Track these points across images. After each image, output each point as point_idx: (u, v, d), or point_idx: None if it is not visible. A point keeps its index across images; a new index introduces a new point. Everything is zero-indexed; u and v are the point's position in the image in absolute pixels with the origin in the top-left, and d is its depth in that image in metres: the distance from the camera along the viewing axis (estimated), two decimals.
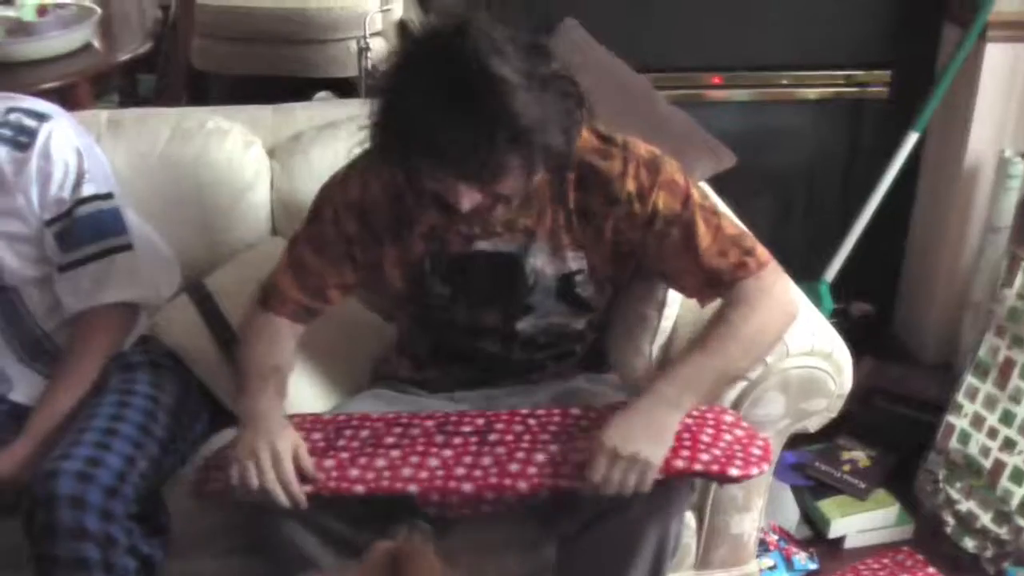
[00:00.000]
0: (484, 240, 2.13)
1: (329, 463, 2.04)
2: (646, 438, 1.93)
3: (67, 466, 2.02)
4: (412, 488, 1.98)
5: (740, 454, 1.99)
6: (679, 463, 1.94)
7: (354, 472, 2.01)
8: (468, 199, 1.91)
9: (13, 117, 2.27)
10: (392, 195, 2.15)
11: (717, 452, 1.98)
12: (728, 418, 2.08)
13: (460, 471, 2.00)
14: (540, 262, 2.14)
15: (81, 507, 1.98)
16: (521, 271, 2.14)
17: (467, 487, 1.98)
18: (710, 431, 2.03)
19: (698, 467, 1.94)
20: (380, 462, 2.03)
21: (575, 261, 2.15)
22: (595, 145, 2.10)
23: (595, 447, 1.93)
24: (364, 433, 2.11)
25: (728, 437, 2.03)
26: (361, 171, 2.19)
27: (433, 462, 2.02)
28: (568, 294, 2.18)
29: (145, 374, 2.31)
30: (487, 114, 1.81)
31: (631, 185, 2.08)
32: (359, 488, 1.99)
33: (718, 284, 2.09)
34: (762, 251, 2.11)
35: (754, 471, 1.98)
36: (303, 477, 2.01)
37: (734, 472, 1.95)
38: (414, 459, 2.03)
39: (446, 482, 1.99)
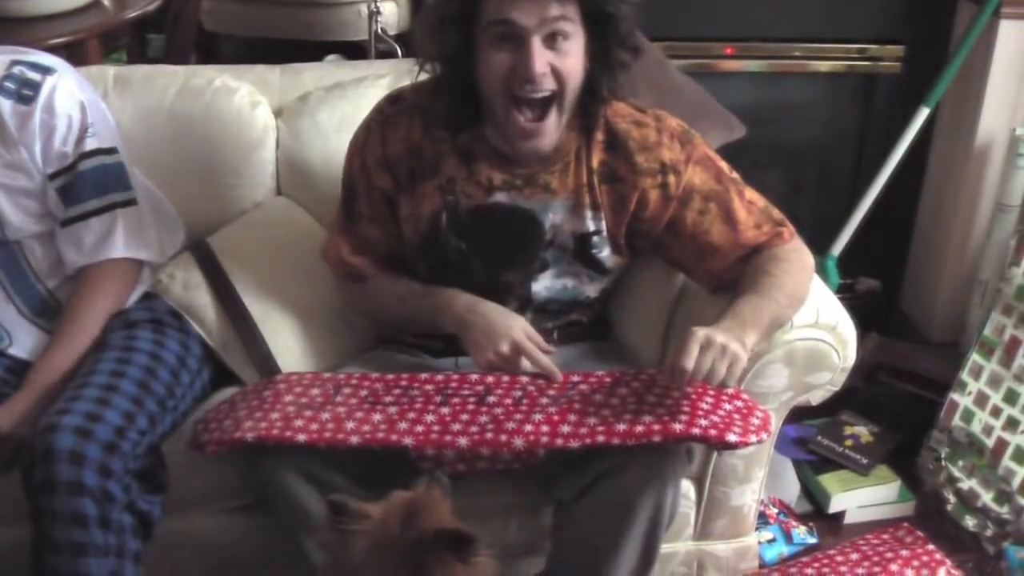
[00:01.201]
0: (502, 192, 2.13)
1: (326, 416, 2.04)
2: (732, 339, 1.95)
3: (66, 421, 2.01)
4: (407, 440, 1.98)
5: (739, 422, 1.99)
6: (677, 427, 1.94)
7: (350, 424, 2.02)
8: (539, 60, 1.98)
9: (17, 70, 2.25)
10: (408, 148, 2.17)
11: (716, 419, 1.98)
12: (728, 389, 2.08)
13: (456, 427, 2.00)
14: (559, 219, 2.16)
15: (80, 462, 1.98)
16: (539, 227, 2.16)
17: (462, 441, 1.97)
18: (710, 399, 2.03)
19: (696, 431, 1.94)
20: (377, 416, 2.03)
21: (593, 222, 2.17)
22: (628, 112, 2.14)
23: (687, 337, 1.93)
24: (363, 392, 2.11)
25: (727, 406, 2.03)
26: (380, 127, 2.22)
27: (430, 418, 2.02)
28: (584, 254, 2.19)
29: (147, 331, 2.30)
30: None
31: (666, 155, 2.12)
32: (354, 439, 1.99)
33: (754, 255, 2.14)
34: (787, 223, 2.20)
35: (752, 439, 1.98)
36: (307, 414, 2.04)
37: (732, 438, 1.95)
38: (411, 415, 2.03)
39: (442, 436, 1.98)
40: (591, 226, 2.17)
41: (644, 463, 1.97)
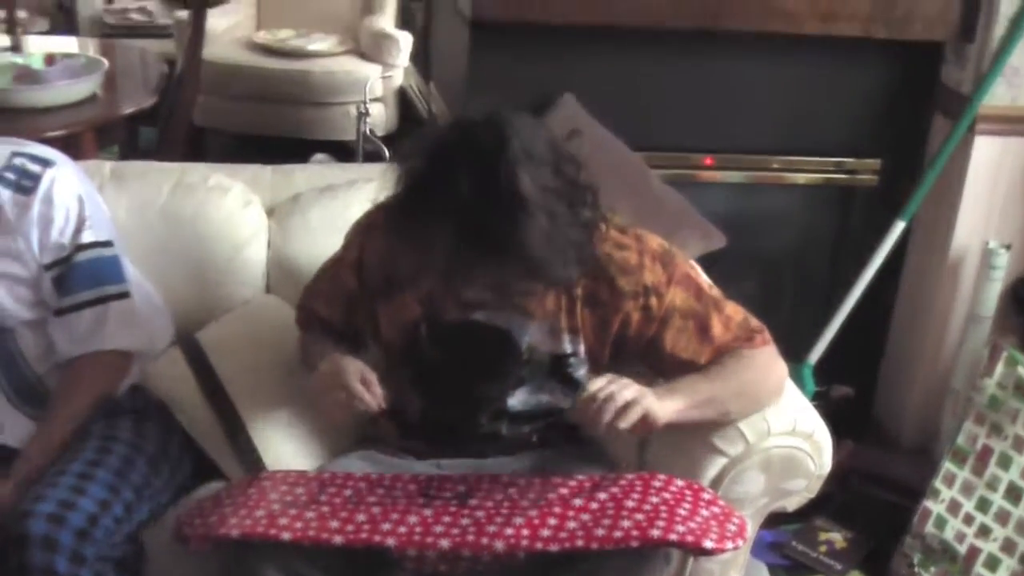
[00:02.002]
0: (481, 311, 2.16)
1: (310, 515, 2.06)
2: (649, 392, 2.01)
3: (40, 508, 2.03)
4: (390, 541, 1.99)
5: (716, 528, 2.01)
6: (655, 532, 1.96)
7: (334, 523, 2.03)
8: (466, 293, 1.99)
9: (18, 161, 2.31)
10: (382, 259, 2.20)
11: (693, 525, 1.99)
12: (706, 495, 2.11)
13: (438, 528, 2.02)
14: (535, 340, 2.18)
15: (52, 548, 1.98)
16: (515, 346, 2.18)
17: (444, 543, 1.99)
18: (687, 505, 2.05)
19: (673, 536, 1.96)
20: (360, 516, 2.05)
21: (571, 344, 2.18)
22: (609, 235, 2.13)
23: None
24: (347, 492, 2.13)
25: (705, 512, 2.05)
26: (362, 230, 2.28)
27: (412, 519, 2.04)
28: (560, 374, 2.21)
29: (129, 421, 2.32)
30: (502, 238, 1.84)
31: (648, 278, 2.13)
32: (338, 539, 2.00)
33: (723, 354, 2.18)
34: (767, 333, 2.23)
35: (728, 545, 1.99)
36: (292, 512, 2.05)
37: (708, 544, 1.97)
38: (394, 516, 2.05)
39: (424, 537, 2.00)
40: (568, 348, 2.18)
41: (621, 567, 1.98)
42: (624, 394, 1.99)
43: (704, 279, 2.22)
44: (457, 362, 2.22)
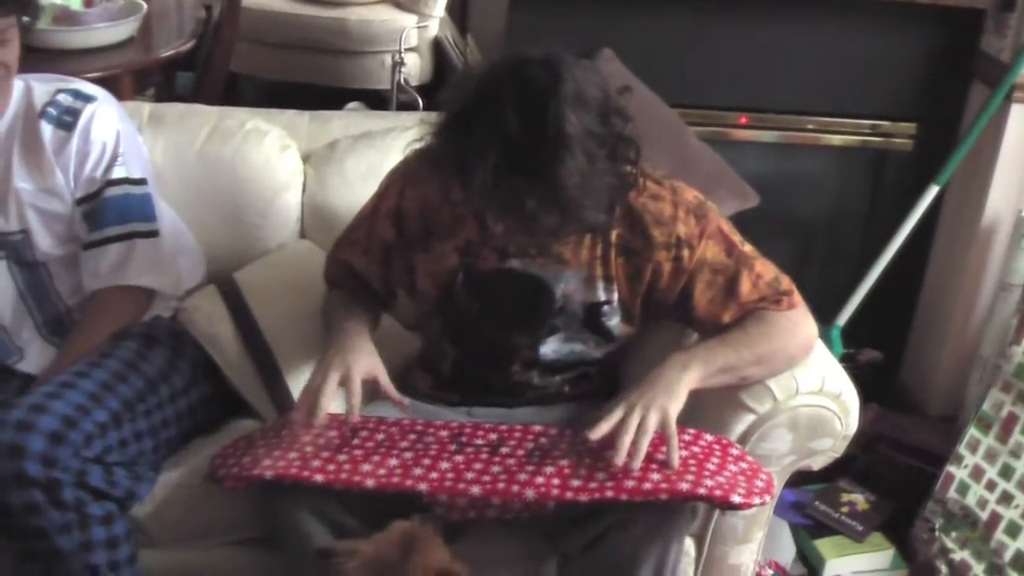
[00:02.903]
0: (517, 259, 2.18)
1: (343, 458, 2.09)
2: (660, 392, 2.03)
3: (9, 416, 2.05)
4: (422, 486, 2.02)
5: (744, 484, 2.04)
6: (684, 485, 1.98)
7: (366, 467, 2.06)
8: (496, 228, 2.03)
9: (61, 97, 2.34)
10: (424, 207, 2.21)
11: (721, 479, 2.02)
12: (734, 451, 2.14)
13: (469, 475, 2.05)
14: (570, 288, 2.19)
15: (20, 455, 2.00)
16: (550, 294, 2.19)
17: (475, 490, 2.02)
18: (716, 460, 2.08)
19: (702, 491, 1.98)
20: (392, 461, 2.08)
21: (605, 292, 2.19)
22: (645, 186, 2.14)
23: (612, 403, 2.03)
24: (379, 436, 2.15)
25: (733, 467, 2.08)
26: (400, 179, 2.27)
27: (444, 465, 2.07)
28: (593, 323, 2.23)
29: (133, 343, 2.33)
30: (539, 173, 1.86)
31: (681, 230, 2.14)
32: (370, 482, 2.03)
33: (748, 314, 2.19)
34: (796, 294, 2.22)
35: (756, 501, 2.03)
36: (324, 455, 2.08)
37: (736, 499, 2.00)
38: (426, 461, 2.08)
39: (455, 484, 2.03)
40: (602, 296, 2.20)
41: (649, 520, 2.01)
42: (649, 423, 2.01)
43: (736, 235, 2.22)
44: (492, 312, 2.23)
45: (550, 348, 2.26)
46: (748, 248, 2.22)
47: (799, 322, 2.22)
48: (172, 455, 2.33)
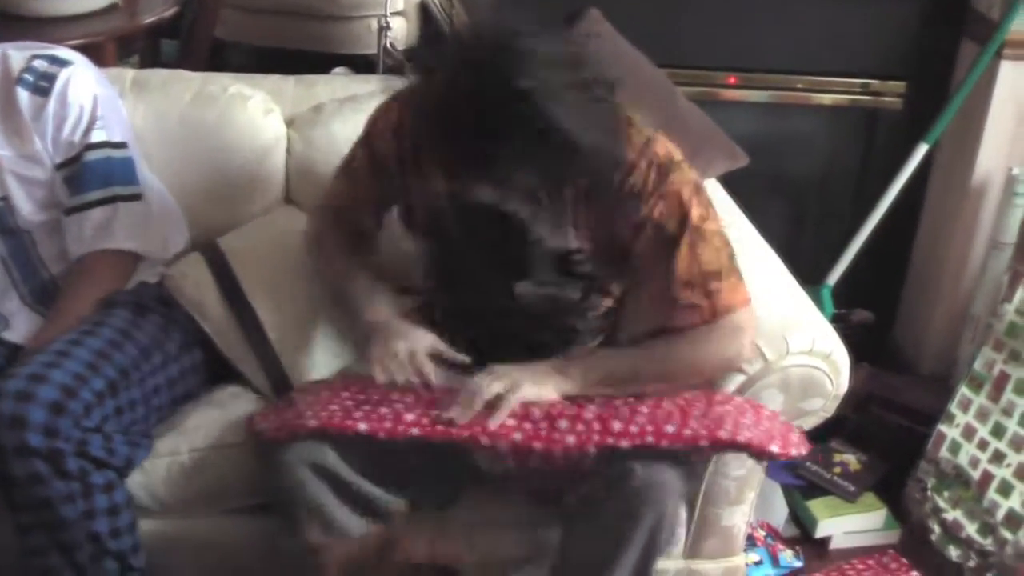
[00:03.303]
0: None
1: (384, 410, 2.09)
2: (525, 372, 2.10)
3: (8, 386, 2.05)
4: (464, 433, 2.03)
5: (779, 436, 2.08)
6: (723, 433, 2.02)
7: (409, 416, 2.06)
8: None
9: (36, 63, 2.33)
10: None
11: (759, 431, 2.06)
12: (766, 411, 2.17)
13: (511, 421, 2.06)
14: (544, 231, 2.14)
15: (22, 426, 2.01)
16: (524, 235, 2.13)
17: (517, 436, 2.04)
18: (751, 414, 2.12)
19: (741, 439, 2.02)
20: (435, 412, 2.08)
21: (575, 240, 2.16)
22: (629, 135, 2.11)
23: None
24: (409, 398, 2.14)
25: (767, 423, 2.11)
26: (401, 100, 2.25)
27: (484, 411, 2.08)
28: (566, 270, 2.21)
29: (125, 311, 2.32)
30: (523, 164, 1.87)
31: (636, 180, 2.08)
32: (414, 431, 2.03)
33: (667, 317, 2.14)
34: (726, 298, 2.12)
35: (792, 451, 2.08)
36: (366, 407, 2.09)
37: (774, 448, 2.04)
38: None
39: (497, 430, 2.04)
40: (573, 244, 2.17)
41: (646, 475, 2.01)
42: (493, 387, 2.04)
43: (704, 212, 2.11)
44: (474, 238, 2.19)
45: (526, 288, 2.23)
46: (707, 227, 2.11)
47: (721, 337, 2.13)
48: (161, 423, 2.32)
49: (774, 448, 2.03)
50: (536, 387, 2.08)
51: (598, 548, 2.06)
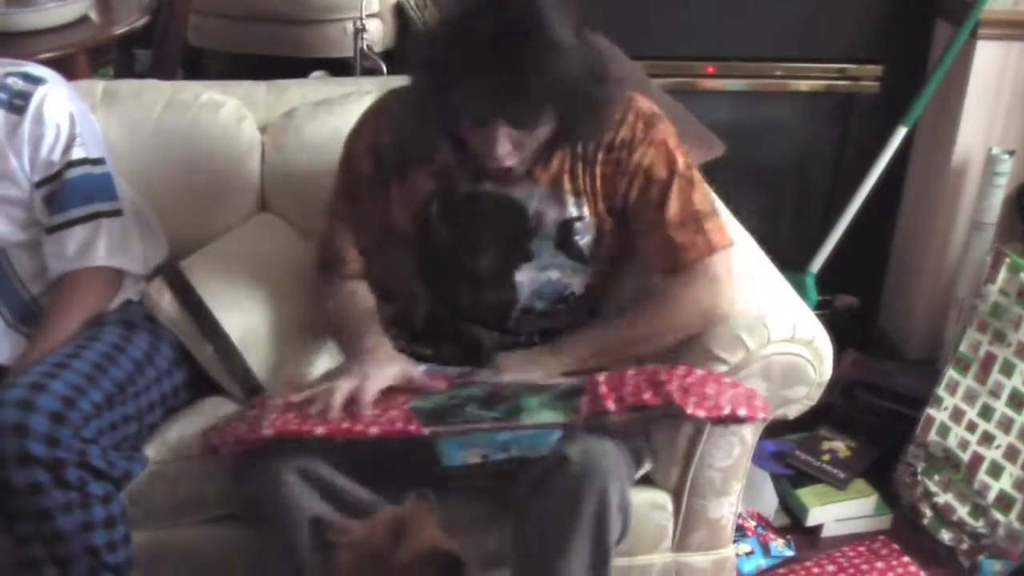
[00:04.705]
0: (490, 182, 2.20)
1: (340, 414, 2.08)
2: (523, 363, 2.18)
3: (9, 395, 2.04)
4: (426, 430, 2.02)
5: (745, 402, 2.07)
6: (691, 408, 2.03)
7: (367, 416, 2.06)
8: (503, 145, 2.04)
9: (10, 81, 2.30)
10: (400, 137, 2.22)
11: (725, 399, 2.06)
12: (727, 379, 2.15)
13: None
14: (542, 206, 2.21)
15: (24, 434, 2.00)
16: (524, 215, 2.21)
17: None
18: (714, 385, 2.10)
19: (709, 404, 2.03)
20: (393, 412, 2.07)
21: (575, 207, 2.21)
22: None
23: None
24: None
25: (730, 391, 2.10)
26: (374, 114, 2.29)
27: None
28: (566, 242, 2.23)
29: (115, 327, 2.32)
30: (542, 71, 1.93)
31: (625, 132, 2.18)
32: (373, 430, 2.02)
33: (669, 259, 2.20)
34: (717, 237, 2.21)
35: (760, 415, 2.08)
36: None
37: (742, 412, 2.04)
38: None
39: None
40: (573, 212, 2.21)
41: (583, 456, 2.02)
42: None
43: (685, 161, 2.22)
44: (467, 238, 2.24)
45: (526, 276, 2.26)
46: (692, 174, 2.22)
47: (700, 291, 2.20)
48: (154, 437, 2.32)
49: (741, 412, 2.04)
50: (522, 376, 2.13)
51: (546, 533, 2.06)
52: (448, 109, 2.02)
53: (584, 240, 2.24)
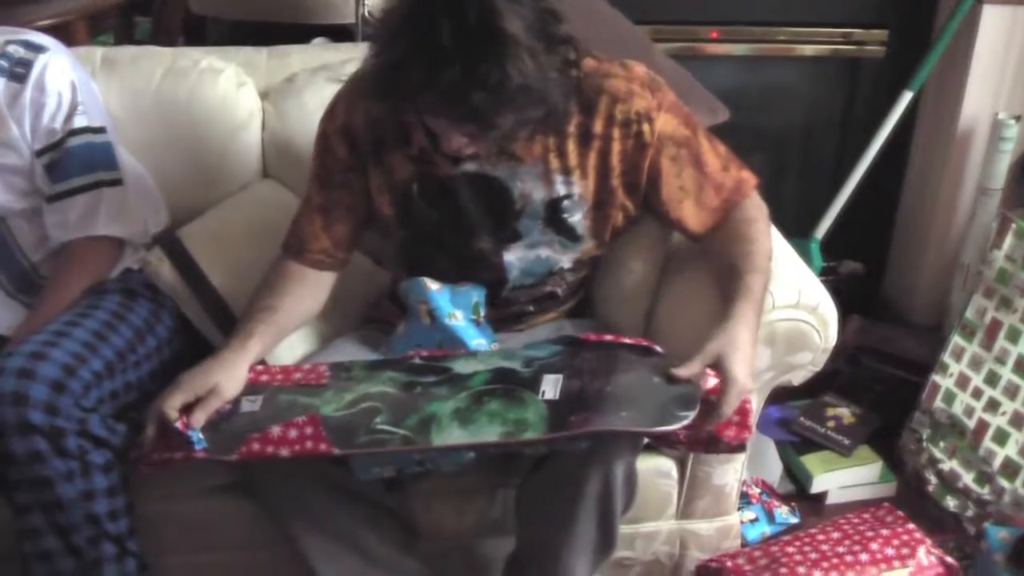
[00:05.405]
0: (471, 162, 2.12)
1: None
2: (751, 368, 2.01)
3: (8, 364, 2.04)
4: (335, 451, 1.95)
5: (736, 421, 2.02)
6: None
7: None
8: (455, 141, 1.95)
9: (11, 49, 2.29)
10: (374, 118, 2.16)
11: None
12: (658, 348, 2.09)
13: None
14: (528, 187, 2.15)
15: (24, 403, 2.00)
16: (508, 195, 2.16)
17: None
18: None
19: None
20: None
21: (564, 186, 2.15)
22: (594, 67, 2.11)
23: (730, 386, 1.95)
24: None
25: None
26: (347, 96, 2.22)
27: None
28: (556, 220, 2.18)
29: (115, 296, 2.32)
30: (490, 71, 1.80)
31: (639, 104, 2.11)
32: (284, 451, 1.95)
33: (728, 202, 2.19)
34: (748, 174, 2.25)
35: (746, 435, 2.04)
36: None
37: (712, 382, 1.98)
38: None
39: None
40: (562, 190, 2.15)
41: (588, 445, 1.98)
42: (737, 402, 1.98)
43: (686, 108, 2.21)
44: (452, 219, 2.19)
45: (515, 256, 2.22)
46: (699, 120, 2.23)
47: (761, 202, 2.24)
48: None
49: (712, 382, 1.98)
50: (745, 362, 1.99)
51: (551, 514, 2.05)
52: (399, 99, 1.93)
53: (574, 217, 2.19)
